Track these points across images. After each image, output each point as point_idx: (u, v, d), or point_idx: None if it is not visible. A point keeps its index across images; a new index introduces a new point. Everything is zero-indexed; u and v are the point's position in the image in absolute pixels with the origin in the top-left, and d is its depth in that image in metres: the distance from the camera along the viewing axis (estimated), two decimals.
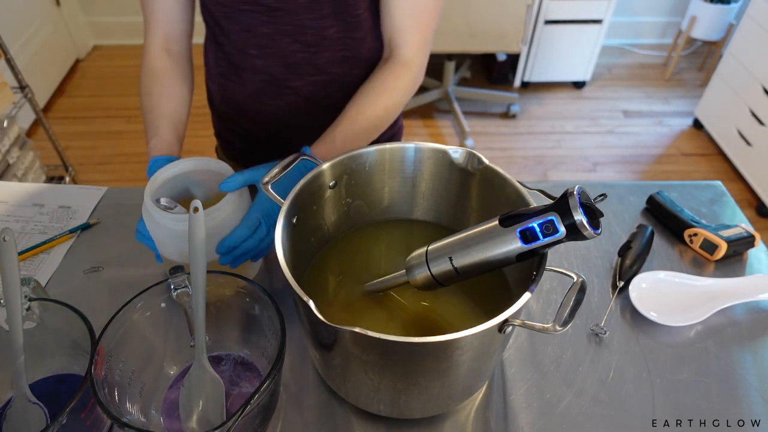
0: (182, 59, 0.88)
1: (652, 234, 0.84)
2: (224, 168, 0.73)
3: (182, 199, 0.75)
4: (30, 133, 2.45)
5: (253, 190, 0.75)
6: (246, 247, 0.68)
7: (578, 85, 2.94)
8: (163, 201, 0.69)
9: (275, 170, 0.63)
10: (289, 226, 0.60)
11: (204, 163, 0.74)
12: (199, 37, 0.87)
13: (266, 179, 0.63)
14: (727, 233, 0.82)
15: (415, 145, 0.68)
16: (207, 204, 0.74)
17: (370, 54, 0.87)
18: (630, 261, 0.79)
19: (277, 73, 0.86)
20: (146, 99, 0.83)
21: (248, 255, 0.69)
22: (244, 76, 0.88)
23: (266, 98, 0.89)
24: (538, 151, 2.57)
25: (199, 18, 0.86)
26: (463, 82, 2.96)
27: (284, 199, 0.61)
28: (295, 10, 0.78)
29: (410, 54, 0.82)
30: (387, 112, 0.82)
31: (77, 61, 3.08)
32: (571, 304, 0.49)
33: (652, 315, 0.74)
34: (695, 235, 0.84)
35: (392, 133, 1.02)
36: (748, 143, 2.30)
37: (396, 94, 0.82)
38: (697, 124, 2.68)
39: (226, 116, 0.99)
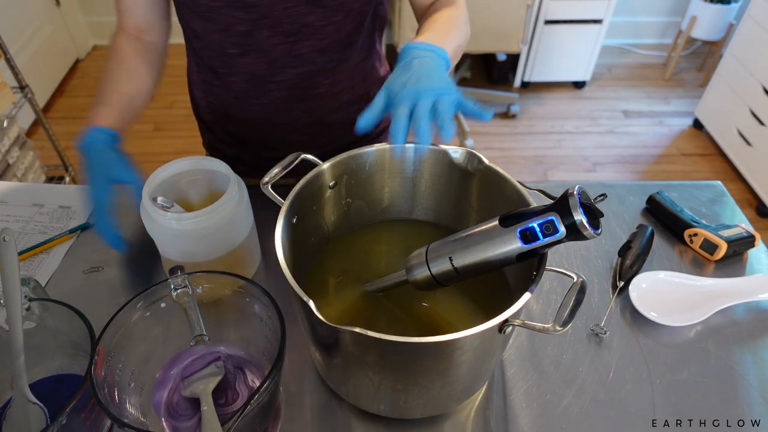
0: (152, 49, 0.85)
1: (652, 234, 0.84)
2: (221, 166, 0.73)
3: (179, 198, 0.75)
4: (30, 133, 2.45)
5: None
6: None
7: (578, 85, 2.94)
8: (160, 200, 0.69)
9: (275, 170, 0.63)
10: (289, 226, 0.60)
11: (200, 163, 0.74)
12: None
13: (266, 179, 0.63)
14: (727, 233, 0.82)
15: (415, 145, 0.68)
16: (204, 203, 0.74)
17: (351, 38, 0.85)
18: (630, 261, 0.79)
19: (260, 70, 0.84)
20: (106, 75, 0.79)
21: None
22: (227, 78, 0.87)
23: (251, 98, 0.88)
24: (538, 151, 2.57)
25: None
26: (463, 82, 2.96)
27: (284, 200, 0.61)
28: (270, 1, 0.76)
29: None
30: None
31: (77, 61, 3.08)
32: (571, 304, 0.49)
33: (652, 315, 0.74)
34: (695, 235, 0.84)
35: (385, 126, 1.02)
36: (748, 143, 2.30)
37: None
38: (697, 124, 2.67)
39: (213, 124, 0.98)
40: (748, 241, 0.83)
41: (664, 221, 0.89)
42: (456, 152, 0.67)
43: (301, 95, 0.88)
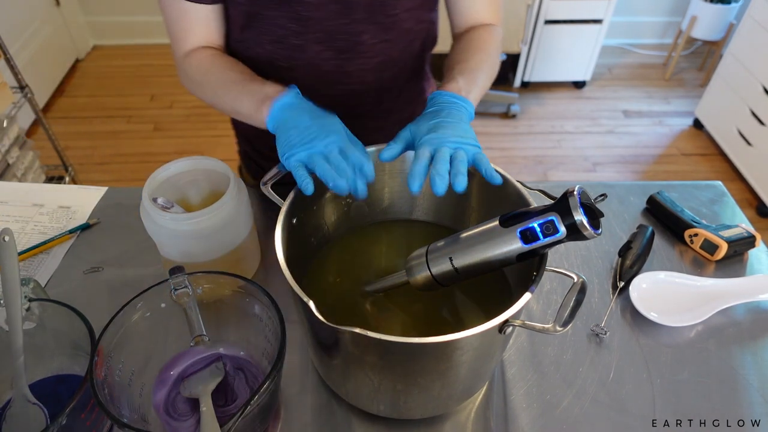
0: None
1: (652, 234, 0.84)
2: (221, 166, 0.73)
3: (179, 198, 0.75)
4: (30, 133, 2.45)
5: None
6: None
7: (578, 85, 2.94)
8: (161, 200, 0.69)
9: (275, 170, 0.63)
10: (289, 226, 0.60)
11: (200, 163, 0.74)
12: None
13: (266, 179, 0.63)
14: (727, 233, 0.82)
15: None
16: (204, 203, 0.74)
17: (401, 55, 0.84)
18: (630, 261, 0.79)
19: (307, 85, 0.80)
20: (215, 86, 0.74)
21: None
22: None
23: None
24: (538, 151, 2.56)
25: None
26: None
27: (284, 200, 0.61)
28: (326, 16, 0.74)
29: (488, 20, 0.84)
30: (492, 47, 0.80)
31: (77, 61, 3.08)
32: (572, 304, 0.49)
33: (652, 315, 0.74)
34: (696, 235, 0.84)
35: None
36: (748, 143, 2.30)
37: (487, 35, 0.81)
38: (698, 124, 2.67)
39: (252, 136, 0.96)
40: (748, 241, 0.83)
41: (665, 221, 0.89)
42: None
43: (345, 113, 0.86)
